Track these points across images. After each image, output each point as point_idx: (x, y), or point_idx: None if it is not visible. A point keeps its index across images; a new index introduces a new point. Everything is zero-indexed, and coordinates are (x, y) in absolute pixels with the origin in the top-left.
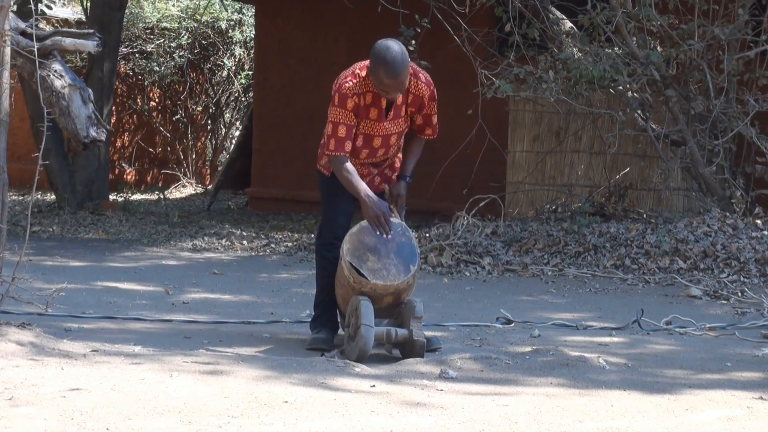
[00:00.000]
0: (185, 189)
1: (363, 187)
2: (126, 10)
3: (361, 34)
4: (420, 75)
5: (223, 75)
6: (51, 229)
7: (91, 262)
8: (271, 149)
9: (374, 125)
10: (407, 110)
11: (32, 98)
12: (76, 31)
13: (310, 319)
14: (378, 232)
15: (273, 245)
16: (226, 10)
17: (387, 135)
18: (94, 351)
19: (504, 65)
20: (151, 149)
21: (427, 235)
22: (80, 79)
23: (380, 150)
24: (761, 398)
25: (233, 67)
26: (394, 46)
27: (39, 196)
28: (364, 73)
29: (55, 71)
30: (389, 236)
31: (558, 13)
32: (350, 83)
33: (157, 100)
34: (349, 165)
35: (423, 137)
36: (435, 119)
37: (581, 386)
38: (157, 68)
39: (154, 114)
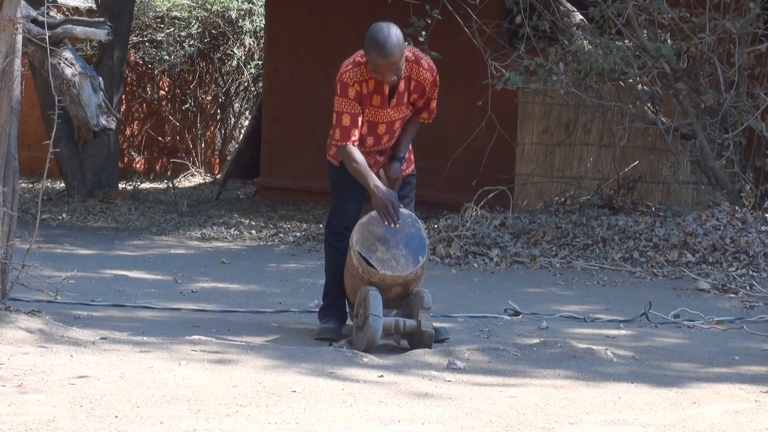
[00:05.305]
0: (194, 178)
1: (371, 176)
2: None
3: (371, 25)
4: (422, 62)
5: (233, 65)
6: (61, 217)
7: (100, 250)
8: (280, 139)
9: (378, 112)
10: (410, 97)
11: (43, 86)
12: (87, 19)
13: (318, 309)
14: (386, 222)
15: (281, 235)
16: (237, 0)
17: (391, 121)
18: (103, 339)
19: (514, 57)
20: (160, 138)
21: (436, 226)
22: (91, 68)
23: (385, 137)
24: None
25: (243, 57)
26: (386, 26)
27: (49, 184)
28: (365, 60)
29: (66, 59)
30: (397, 225)
31: (569, 5)
32: (350, 72)
33: (166, 89)
34: (357, 154)
35: (418, 119)
36: (434, 104)
37: (589, 378)
38: (167, 57)
39: (164, 103)
